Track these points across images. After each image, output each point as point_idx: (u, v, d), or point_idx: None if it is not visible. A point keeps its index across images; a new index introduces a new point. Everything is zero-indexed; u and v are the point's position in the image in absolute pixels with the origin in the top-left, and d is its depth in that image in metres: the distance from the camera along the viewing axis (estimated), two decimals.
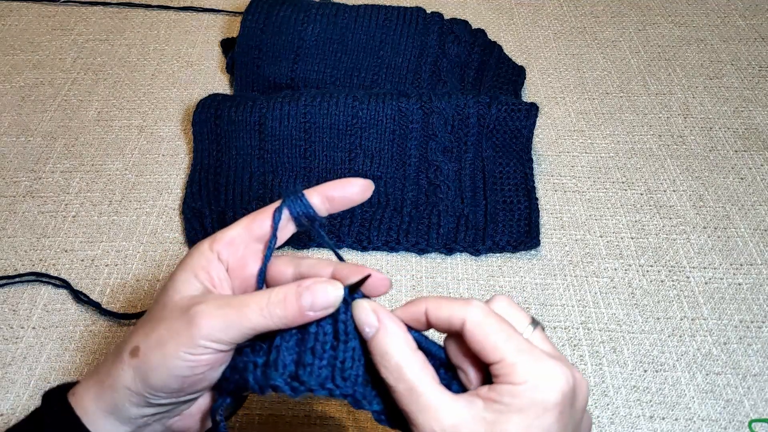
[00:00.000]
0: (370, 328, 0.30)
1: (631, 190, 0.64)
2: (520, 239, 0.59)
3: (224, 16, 0.87)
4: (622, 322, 0.54)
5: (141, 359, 0.31)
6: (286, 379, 0.30)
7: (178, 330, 0.30)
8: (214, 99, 0.67)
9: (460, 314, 0.30)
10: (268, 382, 0.30)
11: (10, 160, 0.68)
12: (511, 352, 0.29)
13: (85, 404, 0.32)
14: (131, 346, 0.31)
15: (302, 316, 0.30)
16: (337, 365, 0.30)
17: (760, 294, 0.56)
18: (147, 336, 0.31)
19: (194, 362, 0.30)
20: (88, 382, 0.33)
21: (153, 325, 0.31)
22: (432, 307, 0.31)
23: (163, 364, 0.30)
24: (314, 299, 0.30)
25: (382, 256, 0.59)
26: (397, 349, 0.30)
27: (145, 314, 0.34)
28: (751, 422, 0.48)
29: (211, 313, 0.30)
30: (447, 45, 0.74)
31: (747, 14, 0.85)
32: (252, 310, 0.30)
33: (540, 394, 0.28)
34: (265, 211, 0.34)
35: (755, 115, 0.71)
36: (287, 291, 0.30)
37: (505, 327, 0.30)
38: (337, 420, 0.48)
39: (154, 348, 0.30)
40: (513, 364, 0.28)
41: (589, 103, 0.74)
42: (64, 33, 0.84)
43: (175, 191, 0.65)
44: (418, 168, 0.63)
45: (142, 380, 0.31)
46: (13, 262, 0.59)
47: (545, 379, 0.28)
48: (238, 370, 0.31)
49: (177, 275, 0.33)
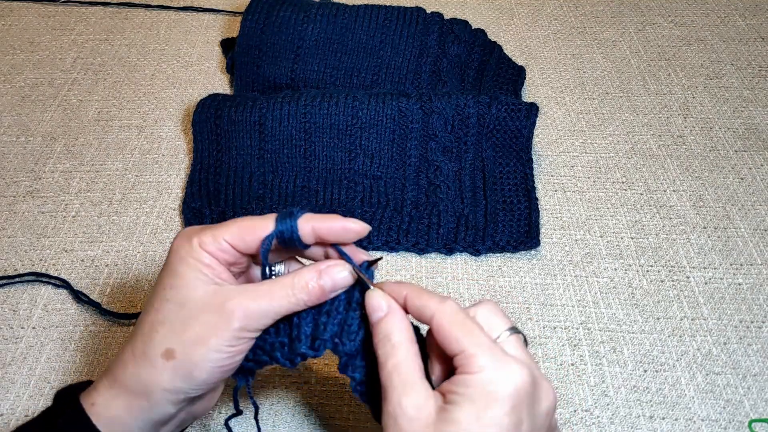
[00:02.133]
0: (380, 312, 0.34)
1: (631, 190, 0.64)
2: (520, 239, 0.59)
3: (224, 16, 0.87)
4: (622, 322, 0.54)
5: (180, 360, 0.32)
6: (308, 344, 0.34)
7: (216, 325, 0.32)
8: (214, 99, 0.67)
9: (432, 307, 0.32)
10: (295, 353, 0.35)
11: (10, 160, 0.68)
12: (471, 344, 0.31)
13: (111, 412, 0.33)
14: (160, 350, 0.32)
15: (324, 296, 0.35)
16: (345, 327, 0.35)
17: (760, 294, 0.56)
18: (180, 336, 0.32)
19: (235, 352, 0.33)
20: (109, 389, 0.34)
21: (181, 324, 0.32)
22: (411, 295, 0.34)
23: (206, 359, 0.32)
24: (334, 282, 0.34)
25: (382, 255, 0.59)
26: (399, 333, 0.33)
27: (151, 315, 0.34)
28: (751, 422, 0.48)
29: (247, 306, 0.33)
30: (447, 45, 0.74)
31: (747, 14, 0.85)
32: (281, 298, 0.33)
33: (492, 385, 0.29)
34: (254, 232, 0.34)
35: (755, 115, 0.71)
36: (308, 277, 0.34)
37: (471, 325, 0.32)
38: (337, 420, 0.48)
39: (194, 346, 0.32)
40: (472, 355, 0.30)
41: (589, 103, 0.74)
42: (64, 33, 0.84)
43: (175, 191, 0.65)
44: (418, 168, 0.63)
45: (183, 378, 0.33)
46: (13, 262, 0.59)
47: (500, 371, 0.30)
48: (265, 351, 0.35)
49: (182, 270, 0.33)
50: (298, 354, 0.34)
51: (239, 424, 0.48)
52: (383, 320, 0.33)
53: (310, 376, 0.51)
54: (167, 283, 0.34)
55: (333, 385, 0.50)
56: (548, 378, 0.47)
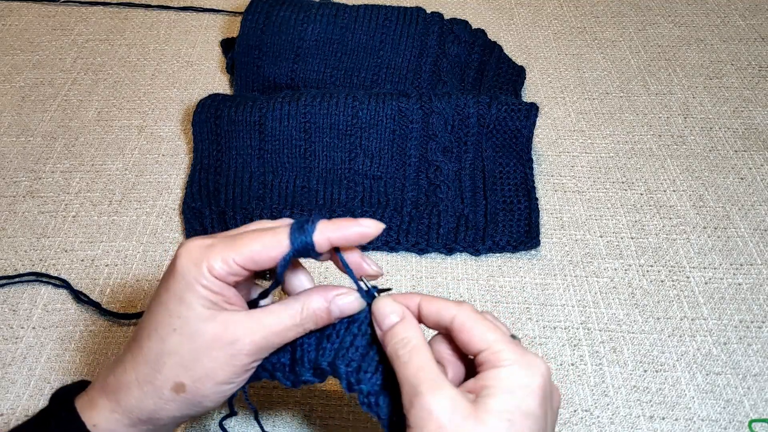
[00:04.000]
0: (394, 317, 0.34)
1: (631, 190, 0.64)
2: (520, 239, 0.59)
3: (224, 16, 0.87)
4: (622, 322, 0.54)
5: (190, 393, 0.33)
6: (312, 372, 0.35)
7: (225, 361, 0.33)
8: (214, 99, 0.67)
9: (451, 310, 0.34)
10: (299, 378, 0.35)
11: (10, 160, 0.68)
12: (496, 341, 0.32)
13: None
14: (170, 383, 0.33)
15: (330, 323, 0.35)
16: (350, 348, 0.35)
17: (760, 294, 0.56)
18: (189, 371, 0.33)
19: (242, 381, 0.35)
20: (112, 414, 0.34)
21: (191, 358, 0.33)
22: (425, 302, 0.35)
23: (215, 392, 0.34)
24: (342, 311, 0.35)
25: (382, 256, 0.59)
26: (416, 335, 0.33)
27: (157, 343, 0.33)
28: (751, 422, 0.48)
29: (255, 342, 0.33)
30: (447, 45, 0.74)
31: (747, 14, 0.85)
32: (287, 329, 0.34)
33: (525, 378, 0.31)
34: (268, 252, 0.33)
35: (755, 115, 0.71)
36: (316, 308, 0.34)
37: (491, 323, 0.33)
38: (337, 420, 0.48)
39: (204, 380, 0.33)
40: (499, 351, 0.31)
41: (589, 103, 0.74)
42: (64, 33, 0.84)
43: (175, 191, 0.65)
44: (418, 168, 0.63)
45: (193, 407, 0.34)
46: (13, 262, 0.59)
47: (528, 364, 0.31)
48: (266, 369, 0.36)
49: (190, 299, 0.32)
50: (302, 381, 0.35)
51: (239, 425, 0.48)
52: (399, 325, 0.34)
53: None
54: (174, 310, 0.33)
55: (333, 385, 0.50)
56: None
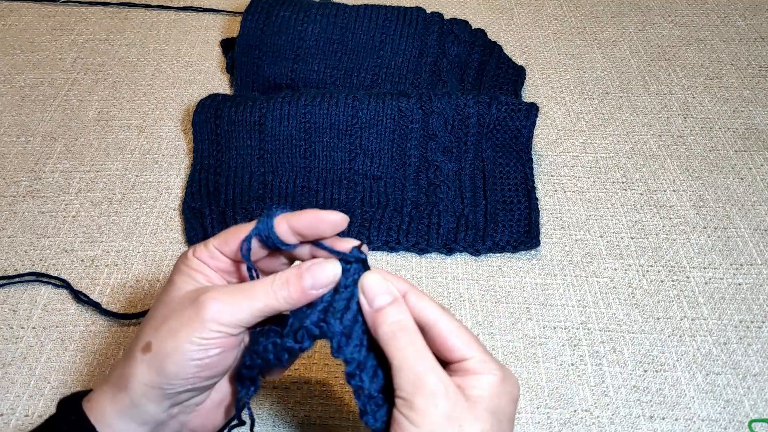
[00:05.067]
0: (386, 297, 0.33)
1: (631, 190, 0.64)
2: (520, 239, 0.59)
3: (224, 16, 0.87)
4: (622, 322, 0.54)
5: (153, 352, 0.32)
6: (293, 336, 0.33)
7: (189, 317, 0.32)
8: (214, 99, 0.67)
9: (436, 314, 0.33)
10: (283, 345, 0.33)
11: (10, 160, 0.68)
12: (481, 352, 0.33)
13: (101, 409, 0.34)
14: (141, 344, 0.33)
15: (305, 295, 0.33)
16: (330, 309, 0.33)
17: (760, 294, 0.56)
18: (157, 330, 0.33)
19: (206, 345, 0.32)
20: (102, 387, 0.35)
21: (161, 320, 0.33)
22: (413, 296, 0.34)
23: (176, 351, 0.32)
24: (314, 279, 0.33)
25: (382, 256, 0.59)
26: (410, 320, 0.33)
27: (147, 315, 0.35)
28: (751, 422, 0.48)
29: (219, 297, 0.32)
30: (447, 45, 0.74)
31: (747, 14, 0.85)
32: (258, 292, 0.33)
33: (507, 387, 0.32)
34: (237, 235, 0.35)
35: (755, 115, 0.71)
36: (289, 274, 0.33)
37: (472, 334, 0.34)
38: (337, 420, 0.48)
39: (167, 338, 0.32)
40: (485, 361, 0.32)
41: (589, 103, 0.74)
42: (64, 33, 0.84)
43: (175, 191, 0.65)
44: (418, 168, 0.63)
45: (157, 371, 0.32)
46: (13, 262, 0.59)
47: (509, 376, 0.33)
48: (258, 354, 0.34)
49: (175, 278, 0.35)
50: (284, 349, 0.33)
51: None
52: (393, 307, 0.33)
53: (310, 376, 0.51)
54: (162, 291, 0.35)
55: (333, 385, 0.50)
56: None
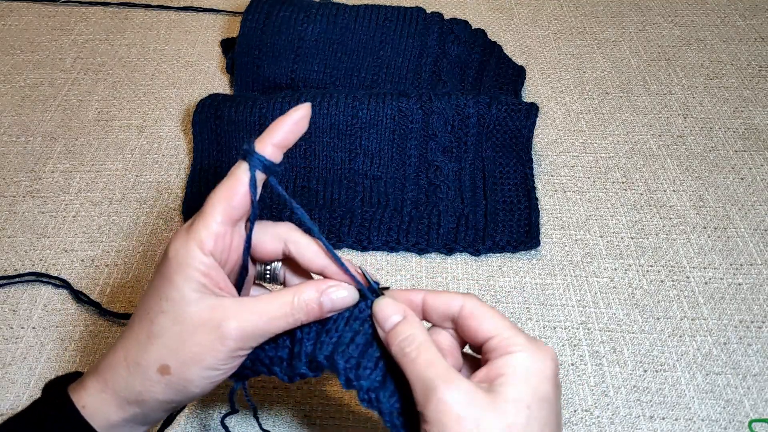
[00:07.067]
0: (396, 317, 0.34)
1: (631, 190, 0.64)
2: (520, 239, 0.59)
3: (224, 16, 0.87)
4: (622, 322, 0.54)
5: (175, 376, 0.33)
6: (308, 365, 0.34)
7: (211, 345, 0.32)
8: (214, 99, 0.67)
9: (459, 300, 0.34)
10: (295, 371, 0.35)
11: (10, 160, 0.68)
12: (506, 327, 0.32)
13: (105, 414, 0.34)
14: (156, 364, 0.33)
15: (322, 316, 0.35)
16: (350, 344, 0.34)
17: (760, 294, 0.56)
18: (175, 353, 0.33)
19: (229, 368, 0.34)
20: (102, 396, 0.34)
21: (176, 340, 0.33)
22: (430, 296, 0.35)
23: (201, 377, 0.33)
24: (333, 303, 0.35)
25: (382, 256, 0.59)
26: (421, 332, 0.33)
27: (146, 325, 0.33)
28: (751, 422, 0.48)
29: (243, 327, 0.33)
30: (447, 45, 0.74)
31: (747, 14, 0.85)
32: (279, 318, 0.33)
33: (537, 364, 0.31)
34: (234, 192, 0.35)
35: (755, 115, 0.71)
36: (308, 299, 0.34)
37: (498, 312, 0.34)
38: (337, 420, 0.48)
39: (190, 364, 0.33)
40: (509, 336, 0.32)
41: (589, 103, 0.74)
42: (64, 33, 0.84)
43: (175, 191, 0.65)
44: (418, 168, 0.63)
45: (179, 392, 0.34)
46: (13, 262, 0.59)
47: (539, 349, 0.31)
48: (264, 363, 0.35)
49: (181, 285, 0.33)
50: (298, 374, 0.35)
51: (239, 424, 0.48)
52: (403, 324, 0.33)
53: None
54: (163, 293, 0.33)
55: (333, 385, 0.50)
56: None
